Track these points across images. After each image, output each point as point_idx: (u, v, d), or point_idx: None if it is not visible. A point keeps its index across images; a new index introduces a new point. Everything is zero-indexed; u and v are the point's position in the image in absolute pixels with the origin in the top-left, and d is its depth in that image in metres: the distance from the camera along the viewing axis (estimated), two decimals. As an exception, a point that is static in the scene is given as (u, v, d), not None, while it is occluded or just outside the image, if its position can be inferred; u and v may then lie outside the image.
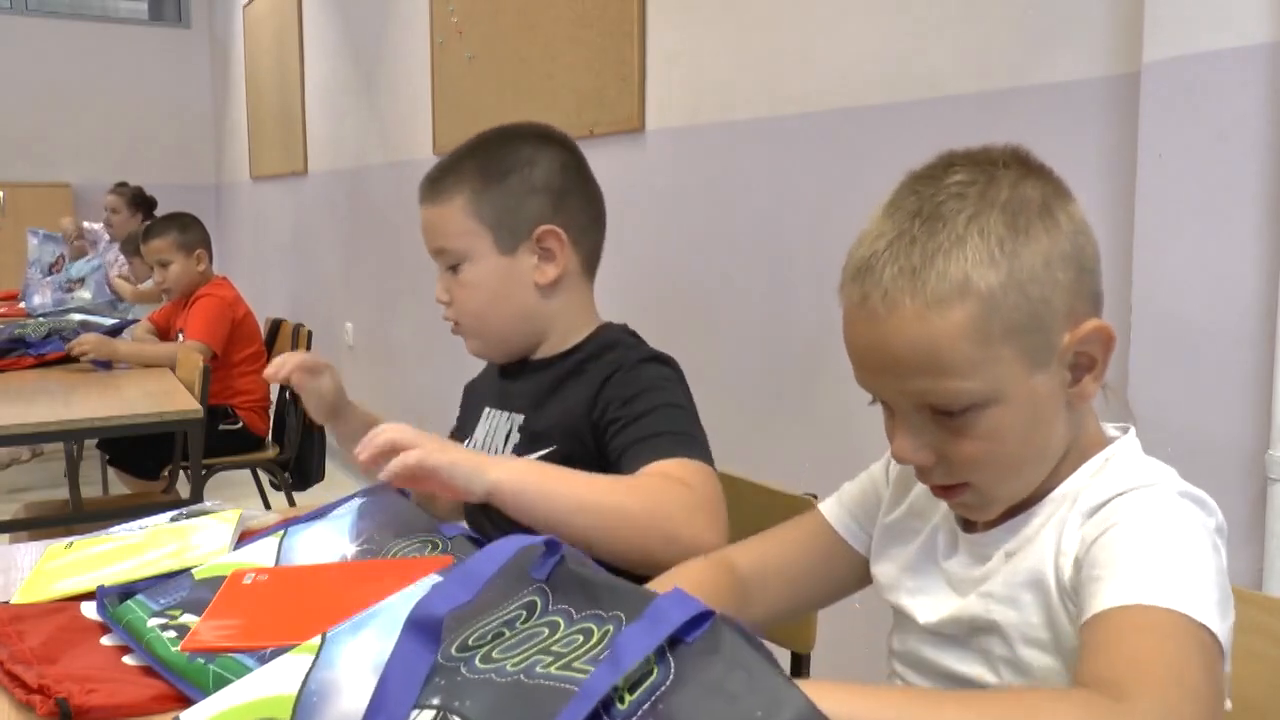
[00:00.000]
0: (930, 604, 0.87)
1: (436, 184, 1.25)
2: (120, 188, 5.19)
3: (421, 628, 0.72)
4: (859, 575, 0.99)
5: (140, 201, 5.19)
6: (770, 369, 2.15)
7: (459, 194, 1.23)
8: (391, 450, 1.02)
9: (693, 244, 2.38)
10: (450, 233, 1.24)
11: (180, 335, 3.40)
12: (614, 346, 1.25)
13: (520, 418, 1.26)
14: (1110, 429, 0.85)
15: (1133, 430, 0.85)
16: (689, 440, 1.12)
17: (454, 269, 1.25)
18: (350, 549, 1.10)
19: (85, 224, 5.19)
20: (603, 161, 1.43)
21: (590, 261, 1.30)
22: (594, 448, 1.18)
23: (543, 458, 1.18)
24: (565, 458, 1.15)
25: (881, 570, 0.94)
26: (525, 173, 1.24)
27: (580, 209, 1.27)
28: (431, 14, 3.62)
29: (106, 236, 5.15)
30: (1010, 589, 0.80)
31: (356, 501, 1.20)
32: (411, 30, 3.83)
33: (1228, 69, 1.24)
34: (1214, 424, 1.27)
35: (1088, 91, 1.49)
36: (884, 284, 0.75)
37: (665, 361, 1.23)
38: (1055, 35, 1.54)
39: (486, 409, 1.34)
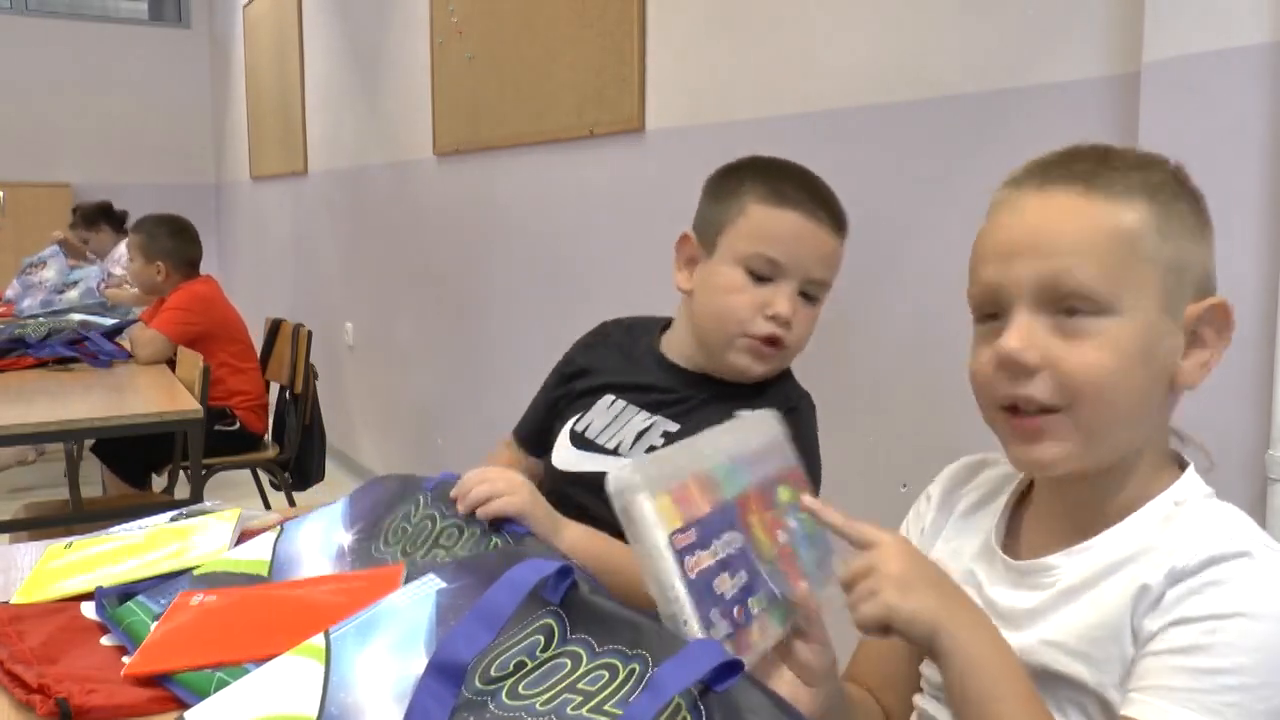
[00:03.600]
0: None
1: (839, 218, 1.25)
2: (71, 219, 5.23)
3: (445, 671, 0.73)
4: None
5: (92, 216, 5.22)
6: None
7: (843, 234, 1.24)
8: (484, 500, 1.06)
9: (693, 244, 2.38)
10: (835, 270, 1.25)
11: None
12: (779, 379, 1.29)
13: (673, 426, 1.24)
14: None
15: (1191, 466, 0.84)
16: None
17: (813, 299, 1.25)
18: (347, 538, 1.10)
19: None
20: (603, 161, 1.43)
21: None
22: None
23: None
24: None
25: None
26: None
27: None
28: (431, 14, 3.61)
29: (98, 259, 5.11)
30: (1083, 643, 0.77)
31: (349, 494, 1.21)
32: (411, 30, 3.83)
33: (1228, 69, 1.24)
34: (1214, 424, 1.27)
35: (1088, 91, 1.49)
36: (1058, 175, 0.79)
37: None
38: (1055, 35, 1.54)
39: (609, 396, 1.30)
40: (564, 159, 2.90)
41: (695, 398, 1.26)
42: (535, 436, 1.40)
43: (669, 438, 1.23)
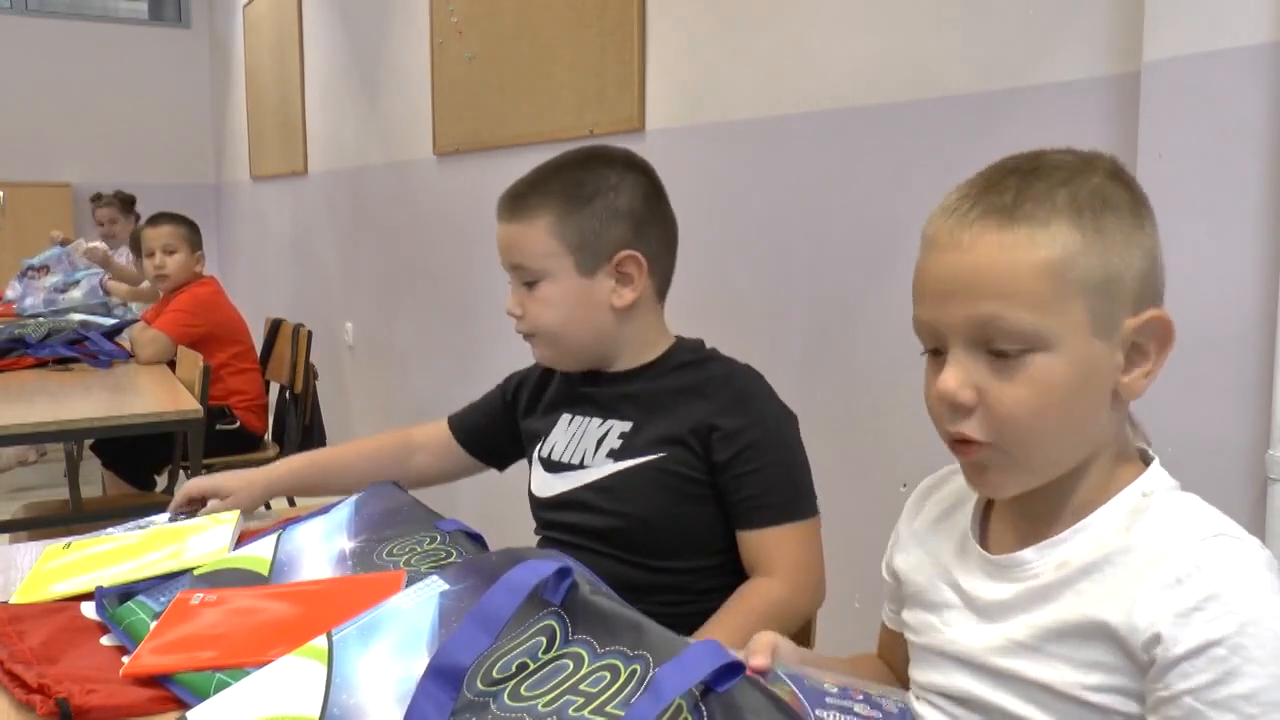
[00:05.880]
0: (962, 634, 0.86)
1: (520, 202, 1.27)
2: (104, 199, 5.21)
3: (443, 674, 0.73)
4: None
5: (130, 203, 5.23)
6: (768, 369, 2.14)
7: (543, 214, 1.26)
8: None
9: (691, 244, 2.37)
10: (531, 252, 1.26)
11: None
12: (710, 360, 1.32)
13: (625, 425, 1.28)
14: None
15: (1156, 460, 0.84)
16: (796, 497, 1.22)
17: (530, 285, 1.27)
18: (349, 544, 1.10)
19: (91, 244, 5.05)
20: (603, 161, 1.43)
21: (663, 286, 1.35)
22: (703, 455, 1.23)
23: (649, 463, 1.23)
24: (674, 465, 1.22)
25: (911, 617, 0.93)
26: (609, 198, 1.27)
27: (658, 236, 1.32)
28: (431, 14, 3.61)
29: (105, 247, 5.10)
30: (1055, 643, 0.78)
31: (354, 497, 1.20)
32: (411, 30, 3.83)
33: (1228, 69, 1.24)
34: (1214, 424, 1.27)
35: (1088, 91, 1.49)
36: (975, 218, 0.79)
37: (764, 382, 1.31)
38: (1055, 35, 1.54)
39: (566, 415, 1.35)
40: (564, 159, 2.90)
41: (629, 394, 1.30)
42: (468, 430, 1.48)
43: (627, 438, 1.26)
